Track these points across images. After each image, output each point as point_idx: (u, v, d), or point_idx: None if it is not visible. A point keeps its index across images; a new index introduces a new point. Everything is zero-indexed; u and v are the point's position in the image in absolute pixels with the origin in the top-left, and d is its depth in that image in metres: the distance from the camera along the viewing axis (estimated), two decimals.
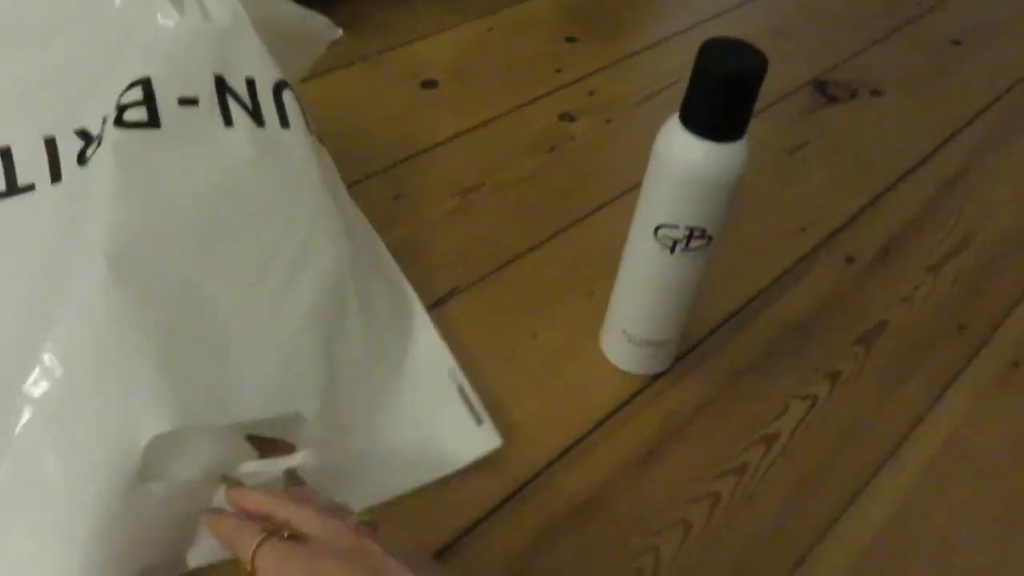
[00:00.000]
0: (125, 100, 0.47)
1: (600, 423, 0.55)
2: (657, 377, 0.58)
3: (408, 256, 0.58)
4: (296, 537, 0.39)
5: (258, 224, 0.49)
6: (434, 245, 0.64)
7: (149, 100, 0.47)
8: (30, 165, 0.47)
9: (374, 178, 0.68)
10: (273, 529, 0.39)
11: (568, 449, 0.53)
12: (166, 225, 0.46)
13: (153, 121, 0.47)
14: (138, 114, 0.47)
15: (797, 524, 0.52)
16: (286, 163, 0.51)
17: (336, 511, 0.41)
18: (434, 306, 0.59)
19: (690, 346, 0.60)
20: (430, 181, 0.69)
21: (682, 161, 0.46)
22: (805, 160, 0.78)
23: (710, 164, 0.45)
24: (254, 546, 0.39)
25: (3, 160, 0.47)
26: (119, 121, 0.46)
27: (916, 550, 0.51)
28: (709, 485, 0.53)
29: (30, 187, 0.47)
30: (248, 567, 0.39)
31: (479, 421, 0.52)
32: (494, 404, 0.53)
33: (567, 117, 0.78)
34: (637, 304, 0.54)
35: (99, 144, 0.47)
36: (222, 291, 0.47)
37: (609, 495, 0.51)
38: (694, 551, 0.49)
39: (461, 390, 0.53)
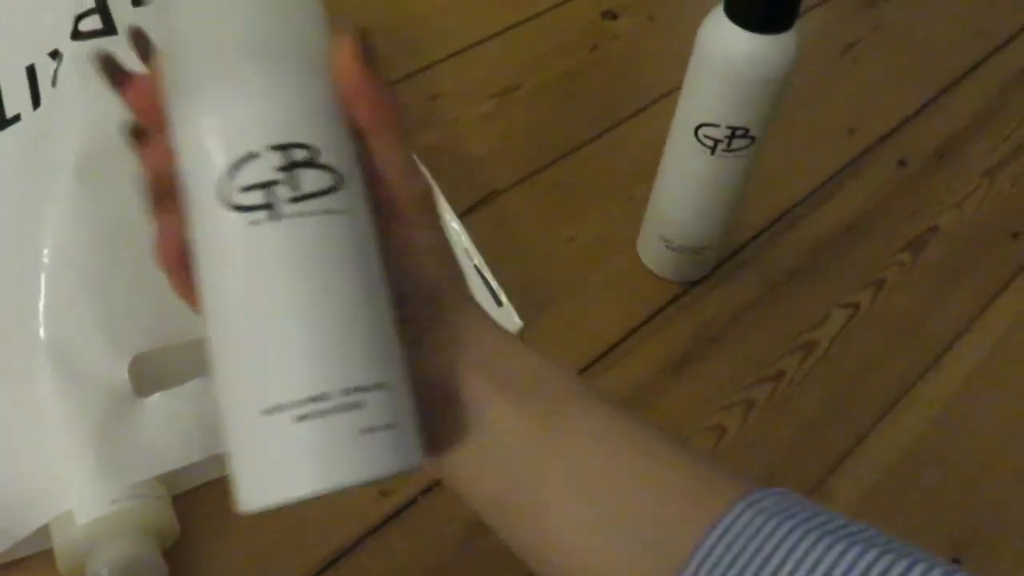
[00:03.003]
0: (79, 9, 0.47)
1: (634, 330, 0.54)
2: (695, 284, 0.57)
3: (445, 158, 0.57)
4: None
5: None
6: (472, 147, 0.63)
7: (102, 7, 0.47)
8: (16, 96, 0.48)
9: (409, 79, 0.67)
10: None
11: (602, 355, 0.53)
12: None
13: (108, 28, 0.47)
14: (92, 23, 0.47)
15: (834, 430, 0.51)
16: None
17: None
18: (471, 208, 0.58)
19: (730, 252, 0.59)
20: (467, 82, 0.67)
21: (726, 55, 0.44)
22: (857, 59, 0.75)
23: (755, 58, 0.43)
24: None
25: None
26: (75, 33, 0.46)
27: (956, 456, 0.51)
28: (744, 392, 0.52)
29: (16, 118, 0.48)
30: None
31: (499, 302, 0.51)
32: (526, 307, 0.53)
33: (609, 15, 0.75)
34: (676, 209, 0.53)
35: (62, 60, 0.47)
36: None
37: (641, 401, 0.51)
38: (726, 456, 0.49)
39: (478, 270, 0.52)
